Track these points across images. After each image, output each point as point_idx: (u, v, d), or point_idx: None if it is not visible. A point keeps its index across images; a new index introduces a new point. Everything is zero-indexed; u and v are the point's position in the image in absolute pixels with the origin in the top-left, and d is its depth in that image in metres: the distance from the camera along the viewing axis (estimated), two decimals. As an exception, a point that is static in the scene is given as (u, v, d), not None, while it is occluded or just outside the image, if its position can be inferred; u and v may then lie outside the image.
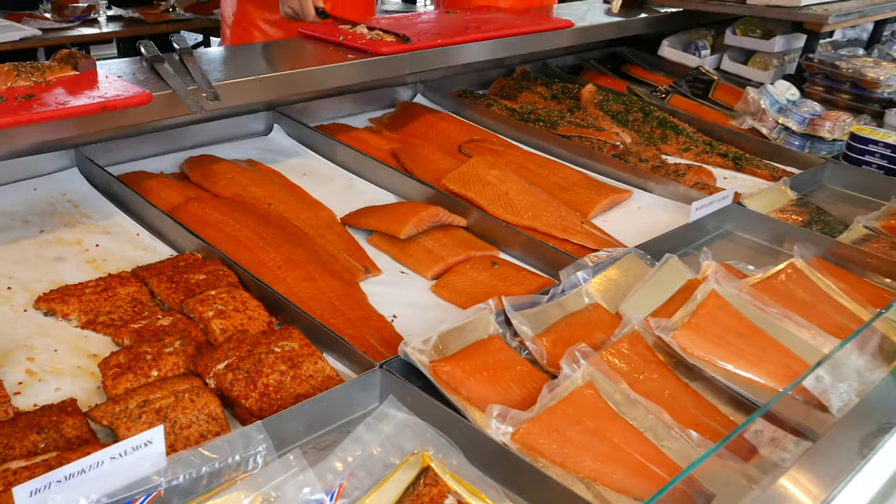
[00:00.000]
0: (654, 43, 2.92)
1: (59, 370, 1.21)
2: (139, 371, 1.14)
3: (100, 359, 1.19)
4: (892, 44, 3.16)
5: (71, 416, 1.06)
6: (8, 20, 3.40)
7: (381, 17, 2.40)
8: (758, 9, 2.67)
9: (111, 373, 1.14)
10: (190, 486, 0.93)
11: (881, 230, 1.84)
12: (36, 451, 1.00)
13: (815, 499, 1.00)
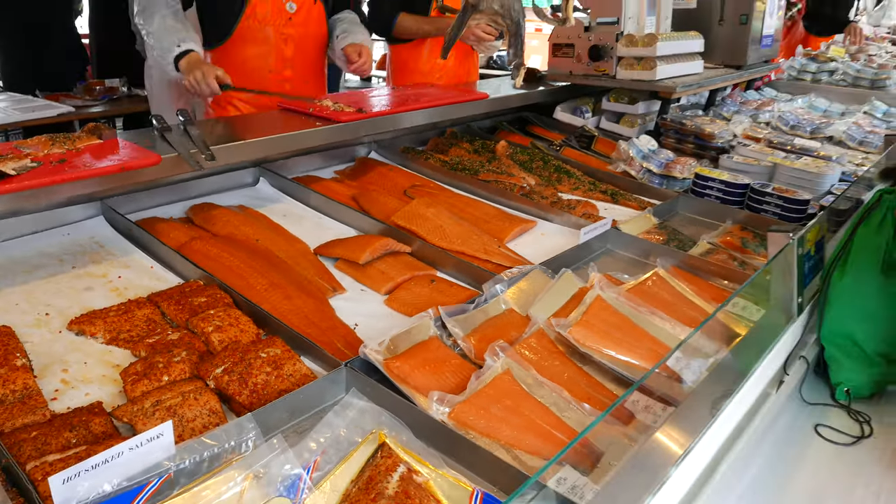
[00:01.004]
0: (550, 108, 2.95)
1: (88, 379, 1.16)
2: (153, 377, 1.10)
3: (121, 368, 1.14)
4: (722, 106, 3.26)
5: (98, 415, 1.01)
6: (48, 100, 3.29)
7: (341, 93, 2.38)
8: (625, 82, 2.73)
9: (130, 379, 1.10)
10: (194, 469, 0.89)
11: (720, 245, 1.88)
12: (69, 446, 0.95)
13: (680, 446, 1.01)
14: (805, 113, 3.25)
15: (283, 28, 2.41)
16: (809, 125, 2.97)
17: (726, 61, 3.24)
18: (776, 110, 3.16)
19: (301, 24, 2.44)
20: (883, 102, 3.48)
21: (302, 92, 2.41)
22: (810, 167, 2.32)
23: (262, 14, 2.37)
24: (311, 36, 2.50)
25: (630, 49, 2.68)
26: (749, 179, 2.19)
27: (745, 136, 2.75)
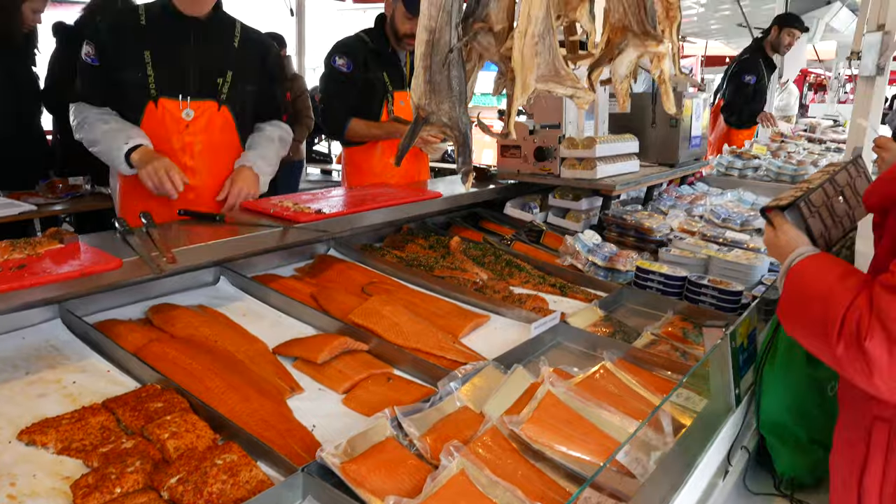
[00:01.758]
0: (501, 204, 3.04)
1: (36, 492, 1.10)
2: (105, 489, 1.06)
3: (73, 480, 1.10)
4: (659, 200, 3.43)
5: (45, 534, 0.97)
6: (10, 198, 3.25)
7: (301, 194, 2.42)
8: (568, 181, 2.87)
9: (81, 492, 1.05)
10: (145, 589, 0.85)
11: (662, 336, 1.93)
12: (12, 569, 0.90)
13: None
14: (735, 206, 3.44)
15: (182, 136, 2.30)
16: (739, 218, 3.14)
17: (660, 160, 3.45)
18: (708, 204, 3.34)
19: (201, 132, 2.32)
20: (803, 196, 3.71)
21: (208, 202, 2.31)
22: (741, 259, 2.44)
23: (158, 123, 2.28)
24: (214, 144, 2.35)
25: (572, 151, 2.83)
26: (686, 272, 2.29)
27: (681, 230, 2.90)
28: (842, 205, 1.48)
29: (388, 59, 3.03)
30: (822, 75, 16.32)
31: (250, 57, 2.42)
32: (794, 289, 1.17)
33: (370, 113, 3.02)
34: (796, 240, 1.31)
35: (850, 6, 8.52)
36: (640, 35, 1.35)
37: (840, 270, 1.10)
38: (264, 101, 2.51)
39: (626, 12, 1.36)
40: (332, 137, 3.39)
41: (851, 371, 1.03)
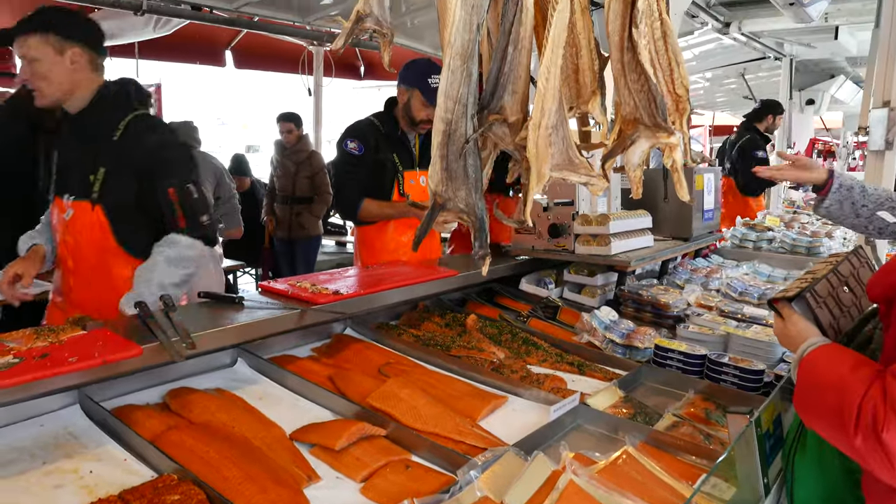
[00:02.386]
0: (516, 279, 3.06)
1: None
2: (120, 591, 1.04)
3: (87, 580, 1.08)
4: (675, 274, 3.43)
5: None
6: (38, 279, 3.31)
7: (319, 274, 2.45)
8: (583, 256, 2.89)
9: None
10: None
11: (685, 417, 1.90)
12: None
13: None
14: (751, 279, 3.43)
15: (64, 236, 2.25)
16: (756, 291, 3.12)
17: (674, 233, 3.47)
18: (724, 278, 3.34)
19: (77, 232, 2.21)
20: (820, 267, 3.70)
21: (87, 306, 2.18)
22: (761, 336, 2.41)
23: (55, 222, 2.28)
24: (85, 244, 2.22)
25: (586, 227, 2.86)
26: (706, 349, 2.27)
27: (698, 305, 2.88)
28: (847, 294, 1.49)
29: (397, 141, 3.13)
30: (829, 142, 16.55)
31: (130, 152, 2.18)
32: (807, 379, 1.17)
33: (382, 192, 3.09)
34: (806, 330, 1.31)
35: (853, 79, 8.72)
36: (651, 127, 1.39)
37: (852, 361, 1.10)
38: (150, 204, 2.21)
39: (637, 106, 1.41)
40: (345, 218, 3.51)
41: (872, 462, 1.02)
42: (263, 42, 6.41)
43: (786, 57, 7.78)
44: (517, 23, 1.53)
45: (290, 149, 5.76)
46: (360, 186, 3.05)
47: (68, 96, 2.18)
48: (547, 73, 1.47)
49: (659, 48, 1.46)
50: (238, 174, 5.81)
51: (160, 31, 4.50)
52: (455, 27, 1.56)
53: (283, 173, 5.78)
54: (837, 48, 7.13)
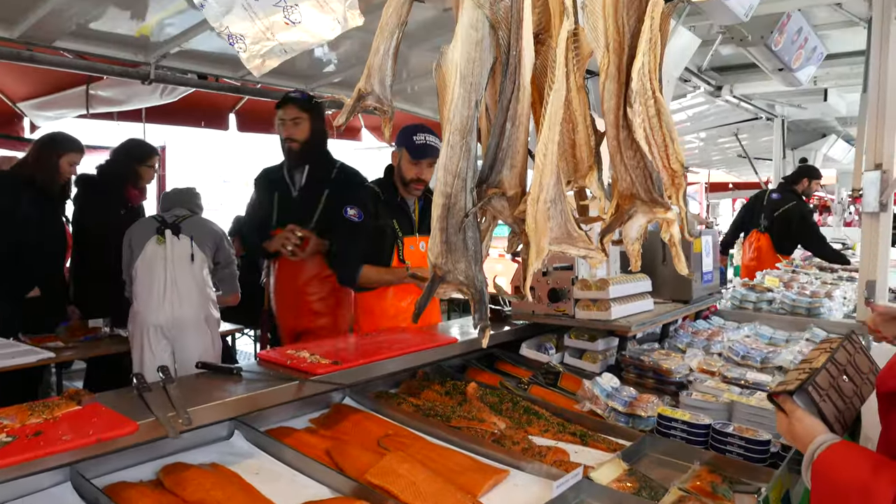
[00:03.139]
0: (517, 344, 3.03)
1: None
2: None
3: None
4: (676, 337, 3.41)
5: None
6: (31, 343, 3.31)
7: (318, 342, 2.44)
8: (583, 321, 2.87)
9: None
10: None
11: (691, 491, 1.85)
12: None
13: None
14: (753, 342, 3.40)
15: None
16: (759, 354, 3.10)
17: (674, 297, 3.47)
18: (726, 341, 3.31)
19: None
20: (822, 329, 3.69)
21: None
22: (765, 404, 2.37)
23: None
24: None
25: (585, 292, 2.86)
26: (710, 418, 2.23)
27: (701, 370, 2.85)
28: (848, 384, 1.47)
29: (397, 207, 3.16)
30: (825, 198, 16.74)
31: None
32: (824, 485, 1.14)
33: (381, 258, 3.11)
34: (813, 428, 1.29)
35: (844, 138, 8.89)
36: (648, 202, 1.41)
37: (870, 462, 1.07)
38: None
39: (634, 181, 1.43)
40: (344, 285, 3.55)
41: None
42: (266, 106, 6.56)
43: (777, 117, 7.95)
44: (514, 100, 1.57)
45: None
46: (360, 253, 3.07)
47: None
48: (545, 150, 1.50)
49: (653, 125, 1.49)
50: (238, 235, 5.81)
51: (167, 97, 4.62)
52: (454, 104, 1.60)
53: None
54: (827, 109, 7.29)
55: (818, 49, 5.14)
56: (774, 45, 4.35)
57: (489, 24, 1.61)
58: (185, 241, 3.75)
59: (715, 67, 6.04)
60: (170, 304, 3.61)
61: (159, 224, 3.70)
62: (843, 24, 4.90)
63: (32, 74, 4.85)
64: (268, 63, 1.74)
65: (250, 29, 1.72)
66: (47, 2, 3.12)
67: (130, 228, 3.68)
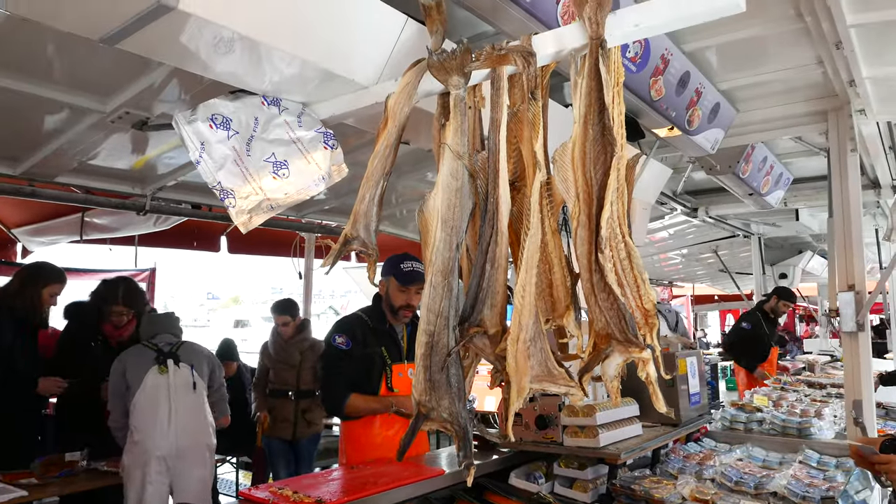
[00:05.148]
0: (506, 472, 2.97)
1: None
2: None
3: None
4: (667, 462, 3.35)
5: None
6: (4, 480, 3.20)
7: (302, 478, 2.39)
8: (572, 449, 2.84)
9: None
10: None
11: None
12: None
13: None
14: (745, 465, 3.35)
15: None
16: (752, 480, 3.04)
17: (662, 420, 3.43)
18: (718, 465, 3.26)
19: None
20: (814, 451, 3.64)
21: None
22: (760, 537, 2.32)
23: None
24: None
25: (573, 419, 2.85)
26: (705, 554, 2.17)
27: (693, 499, 2.79)
28: None
29: (385, 335, 3.20)
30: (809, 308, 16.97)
31: None
32: None
33: (370, 386, 3.11)
34: None
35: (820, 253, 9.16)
36: (623, 342, 1.46)
37: None
38: None
39: (608, 322, 1.49)
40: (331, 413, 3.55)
41: None
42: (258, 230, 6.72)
43: (754, 235, 8.22)
44: (493, 243, 1.67)
45: (291, 340, 5.37)
46: (347, 381, 3.07)
47: None
48: (522, 292, 1.57)
49: (625, 267, 1.58)
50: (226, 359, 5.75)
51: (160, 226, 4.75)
52: (436, 247, 1.69)
53: (285, 366, 5.33)
54: (801, 227, 7.57)
55: (784, 175, 5.44)
56: (742, 173, 4.61)
57: (468, 173, 1.73)
58: (185, 369, 3.76)
59: (689, 191, 6.33)
60: (174, 434, 3.57)
61: (156, 353, 3.70)
62: (806, 153, 5.22)
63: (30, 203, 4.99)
64: (255, 220, 1.85)
65: (241, 184, 1.84)
66: (53, 142, 3.28)
67: (122, 358, 3.66)
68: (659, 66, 3.04)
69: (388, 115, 1.78)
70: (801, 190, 6.11)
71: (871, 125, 4.20)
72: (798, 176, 5.88)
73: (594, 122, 1.60)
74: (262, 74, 2.01)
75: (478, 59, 1.69)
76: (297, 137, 2.01)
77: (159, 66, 2.61)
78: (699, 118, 3.58)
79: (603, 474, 2.94)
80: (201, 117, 1.88)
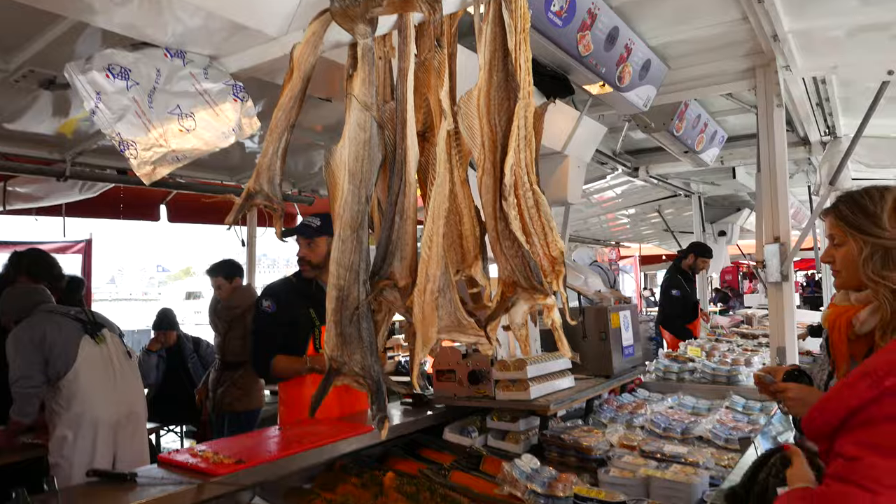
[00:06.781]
0: (441, 428, 3.00)
1: None
2: None
3: None
4: (600, 412, 3.43)
5: None
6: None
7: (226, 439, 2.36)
8: (504, 402, 2.88)
9: None
10: None
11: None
12: None
13: None
14: (675, 413, 3.46)
15: None
16: (679, 426, 3.15)
17: (596, 372, 3.52)
18: (648, 413, 3.36)
19: None
20: (740, 396, 3.79)
21: None
22: (680, 477, 2.40)
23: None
24: None
25: (504, 373, 2.88)
26: (624, 496, 2.23)
27: (621, 446, 2.87)
28: None
29: (314, 297, 3.16)
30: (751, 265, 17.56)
31: None
32: None
33: (296, 348, 3.09)
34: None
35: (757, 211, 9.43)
36: (528, 290, 1.47)
37: None
38: None
39: (514, 270, 1.49)
40: (259, 375, 3.53)
41: None
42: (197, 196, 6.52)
43: (694, 194, 8.40)
44: (402, 195, 1.64)
45: (224, 304, 5.03)
46: (273, 344, 3.05)
47: None
48: (430, 242, 1.55)
49: (532, 215, 1.58)
50: (166, 328, 5.63)
51: (86, 193, 4.56)
52: (344, 200, 1.65)
53: (216, 334, 5.05)
54: (738, 185, 7.76)
55: (719, 133, 5.54)
56: (676, 130, 4.67)
57: (376, 124, 1.69)
58: (116, 338, 3.74)
59: (629, 151, 6.40)
60: (117, 403, 3.54)
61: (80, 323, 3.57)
62: (739, 111, 5.32)
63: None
64: (159, 170, 1.77)
65: (143, 136, 1.76)
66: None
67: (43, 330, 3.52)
68: (586, 20, 3.02)
69: (293, 65, 1.72)
70: (737, 148, 6.24)
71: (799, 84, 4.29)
72: (733, 134, 5.99)
73: (498, 68, 1.57)
74: (164, 26, 1.91)
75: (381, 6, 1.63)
76: (203, 89, 1.93)
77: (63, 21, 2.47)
78: (630, 75, 3.59)
79: (535, 426, 2.99)
80: (97, 66, 1.78)
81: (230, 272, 5.07)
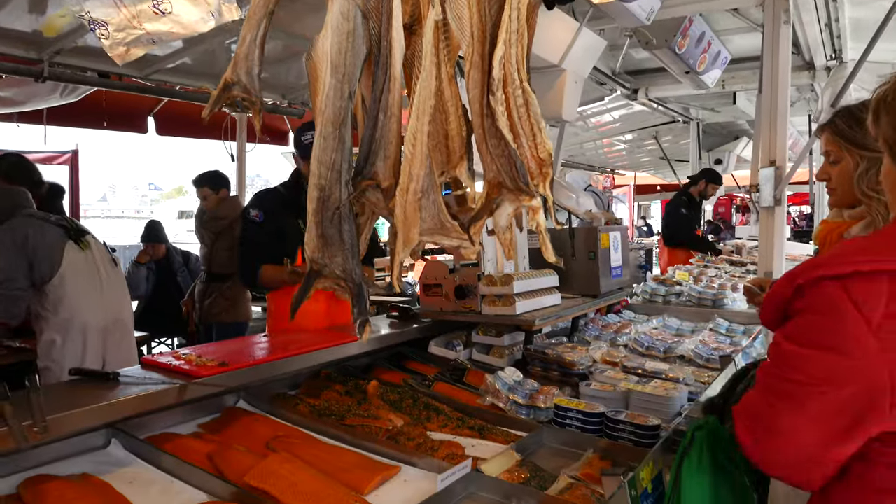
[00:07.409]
0: (427, 342, 3.01)
1: None
2: None
3: None
4: (585, 331, 3.46)
5: None
6: None
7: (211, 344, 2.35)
8: (489, 317, 2.88)
9: None
10: None
11: (580, 478, 1.86)
12: None
13: None
14: (659, 333, 3.49)
15: None
16: (662, 345, 3.17)
17: (583, 291, 3.52)
18: (633, 333, 3.39)
19: None
20: (724, 319, 3.82)
21: None
22: (659, 391, 2.43)
23: None
24: None
25: (491, 288, 2.86)
26: (604, 407, 2.26)
27: (604, 362, 2.90)
28: None
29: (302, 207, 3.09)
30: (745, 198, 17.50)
31: None
32: None
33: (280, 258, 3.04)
34: None
35: (755, 140, 9.30)
36: (513, 191, 1.41)
37: None
38: None
39: (500, 170, 1.43)
40: (246, 286, 3.50)
41: None
42: (186, 109, 6.33)
43: (693, 120, 8.25)
44: (386, 90, 1.55)
45: (210, 215, 5.00)
46: (260, 254, 3.00)
47: None
48: (413, 140, 1.48)
49: (521, 115, 1.50)
50: (154, 241, 5.58)
51: (67, 97, 4.39)
52: (326, 94, 1.57)
53: (202, 245, 5.09)
54: (738, 112, 7.61)
55: (722, 53, 5.35)
56: (678, 48, 4.50)
57: (361, 14, 1.58)
58: (100, 245, 3.68)
59: (629, 71, 6.21)
60: (105, 308, 3.53)
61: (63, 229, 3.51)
62: (745, 30, 5.12)
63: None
64: (132, 52, 1.67)
65: (115, 16, 1.64)
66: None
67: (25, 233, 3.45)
68: (589, -80, 2.83)
69: (272, -55, 1.59)
70: (739, 71, 6.06)
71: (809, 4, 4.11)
72: (736, 55, 5.80)
73: (491, -48, 1.45)
74: None
75: None
76: (179, -26, 1.80)
77: None
78: (633, -16, 3.41)
79: (519, 341, 3.01)
80: (60, -55, 1.64)
81: (216, 183, 5.01)
